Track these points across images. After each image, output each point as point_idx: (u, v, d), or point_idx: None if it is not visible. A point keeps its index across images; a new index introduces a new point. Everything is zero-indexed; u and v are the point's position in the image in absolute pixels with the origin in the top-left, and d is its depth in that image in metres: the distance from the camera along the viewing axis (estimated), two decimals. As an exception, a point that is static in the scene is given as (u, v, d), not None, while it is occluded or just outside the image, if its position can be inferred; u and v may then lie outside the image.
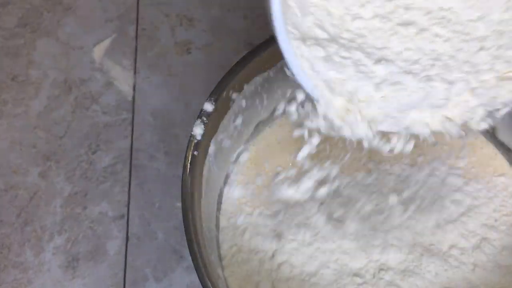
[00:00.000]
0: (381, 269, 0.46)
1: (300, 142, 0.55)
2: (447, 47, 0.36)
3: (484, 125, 0.39)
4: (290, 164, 0.52)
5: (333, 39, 0.36)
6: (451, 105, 0.38)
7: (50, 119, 0.61)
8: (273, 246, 0.47)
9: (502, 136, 0.52)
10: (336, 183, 0.50)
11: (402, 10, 0.36)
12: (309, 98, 0.40)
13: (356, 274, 0.46)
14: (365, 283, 0.45)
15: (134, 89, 0.63)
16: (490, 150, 0.53)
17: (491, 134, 0.52)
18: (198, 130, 0.43)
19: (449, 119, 0.39)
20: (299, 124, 0.44)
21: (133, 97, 0.63)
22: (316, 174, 0.49)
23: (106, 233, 0.54)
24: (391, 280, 0.45)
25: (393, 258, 0.46)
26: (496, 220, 0.49)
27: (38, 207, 0.56)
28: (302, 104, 0.43)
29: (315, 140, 0.46)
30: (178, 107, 0.62)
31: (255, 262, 0.46)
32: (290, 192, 0.49)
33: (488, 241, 0.47)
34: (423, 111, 0.38)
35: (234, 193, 0.50)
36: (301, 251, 0.47)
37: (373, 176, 0.51)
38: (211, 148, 0.45)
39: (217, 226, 0.48)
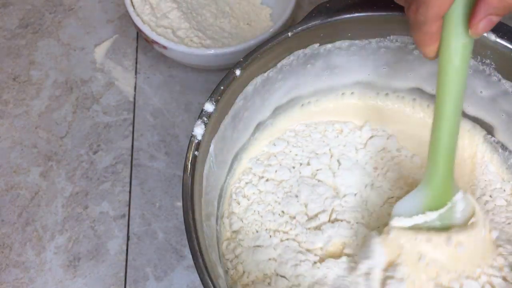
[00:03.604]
0: None
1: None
2: None
3: None
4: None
5: None
6: None
7: (51, 119, 0.62)
8: (273, 245, 0.47)
9: (501, 136, 0.52)
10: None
11: None
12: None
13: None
14: None
15: (135, 90, 0.64)
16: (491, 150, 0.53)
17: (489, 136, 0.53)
18: (199, 130, 0.43)
19: None
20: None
21: (134, 97, 0.63)
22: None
23: (107, 232, 0.55)
24: None
25: None
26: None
27: (39, 207, 0.56)
28: None
29: None
30: (178, 107, 0.62)
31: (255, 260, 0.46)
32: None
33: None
34: None
35: (234, 192, 0.50)
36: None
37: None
38: (212, 148, 0.45)
39: (218, 225, 0.48)
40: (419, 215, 0.42)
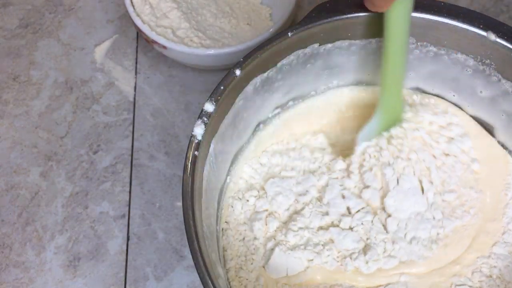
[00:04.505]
0: None
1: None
2: None
3: None
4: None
5: None
6: None
7: (51, 119, 0.62)
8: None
9: (501, 136, 0.52)
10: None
11: None
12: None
13: None
14: None
15: (135, 90, 0.64)
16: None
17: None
18: (199, 130, 0.43)
19: None
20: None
21: (134, 98, 0.63)
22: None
23: (107, 232, 0.55)
24: None
25: None
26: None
27: (39, 207, 0.56)
28: None
29: None
30: (178, 107, 0.62)
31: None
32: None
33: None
34: None
35: (234, 192, 0.50)
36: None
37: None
38: (212, 148, 0.45)
39: (218, 225, 0.48)
40: (375, 137, 0.49)
